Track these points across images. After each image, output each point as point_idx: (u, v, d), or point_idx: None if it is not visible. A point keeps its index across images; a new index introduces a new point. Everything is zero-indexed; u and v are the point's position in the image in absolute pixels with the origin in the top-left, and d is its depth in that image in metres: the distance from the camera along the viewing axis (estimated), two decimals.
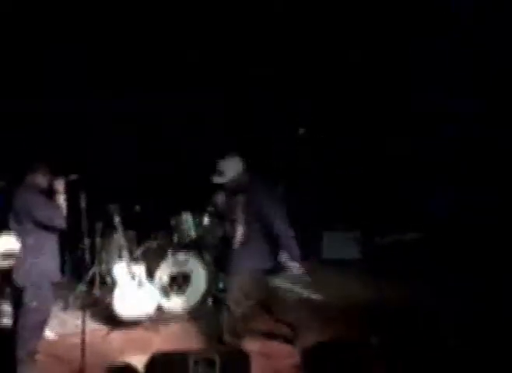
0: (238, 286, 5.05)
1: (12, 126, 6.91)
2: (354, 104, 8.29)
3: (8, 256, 4.45)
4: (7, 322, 5.11)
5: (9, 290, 4.88)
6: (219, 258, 6.37)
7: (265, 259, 5.06)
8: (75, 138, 7.19)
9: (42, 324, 4.78)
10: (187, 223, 6.54)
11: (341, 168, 8.32)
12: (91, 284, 6.43)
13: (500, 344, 4.83)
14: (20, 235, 4.52)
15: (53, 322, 5.33)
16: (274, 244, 5.01)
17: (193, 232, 6.52)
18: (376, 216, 8.04)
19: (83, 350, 4.54)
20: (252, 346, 5.00)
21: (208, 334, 5.39)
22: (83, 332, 4.59)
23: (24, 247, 4.48)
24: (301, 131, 7.13)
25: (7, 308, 5.13)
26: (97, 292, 6.37)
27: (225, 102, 8.08)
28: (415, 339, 5.14)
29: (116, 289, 5.80)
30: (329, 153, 8.33)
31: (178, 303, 6.29)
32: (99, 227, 6.49)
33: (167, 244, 6.51)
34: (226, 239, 5.55)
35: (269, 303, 5.29)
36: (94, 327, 5.66)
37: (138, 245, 6.59)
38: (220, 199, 5.75)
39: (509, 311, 5.42)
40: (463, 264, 6.78)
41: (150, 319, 5.84)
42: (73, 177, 4.91)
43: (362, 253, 8.12)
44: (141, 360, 4.46)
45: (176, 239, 6.51)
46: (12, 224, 4.66)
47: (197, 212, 6.59)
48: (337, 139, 8.30)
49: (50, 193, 4.76)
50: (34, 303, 4.55)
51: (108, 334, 5.69)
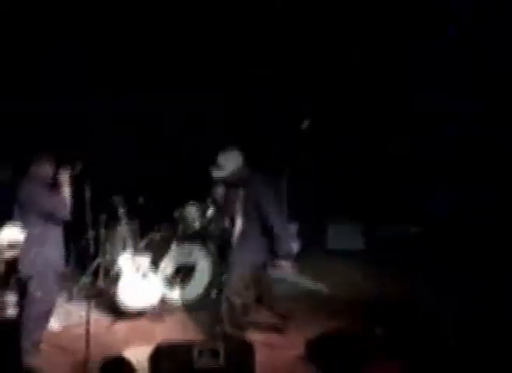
0: (238, 277, 5.10)
1: (12, 126, 6.90)
2: (354, 104, 8.26)
3: (13, 247, 4.46)
4: (12, 313, 5.13)
5: (14, 280, 4.89)
6: (223, 249, 6.39)
7: (264, 251, 5.13)
8: (79, 131, 7.19)
9: (47, 314, 4.82)
10: (190, 214, 6.57)
11: (341, 168, 8.31)
12: (95, 275, 6.45)
13: (500, 344, 4.82)
14: (25, 226, 4.53)
15: (57, 313, 5.35)
16: (272, 237, 5.06)
17: (197, 224, 6.55)
18: (377, 212, 8.08)
19: (88, 341, 4.55)
20: (256, 336, 5.04)
21: (212, 325, 5.41)
22: (88, 322, 4.61)
23: (29, 238, 4.49)
24: (305, 124, 7.09)
25: (12, 298, 5.15)
26: (101, 283, 6.39)
27: (225, 102, 8.06)
28: (414, 335, 5.14)
29: (120, 280, 5.82)
30: (329, 153, 8.32)
31: (182, 294, 6.31)
32: (103, 218, 6.50)
33: (171, 236, 6.54)
34: (228, 231, 5.60)
35: (261, 293, 5.35)
36: (99, 318, 5.68)
37: (141, 236, 6.63)
38: (219, 192, 5.78)
39: (509, 311, 5.41)
40: (463, 264, 6.78)
41: (154, 310, 5.86)
42: (78, 166, 4.92)
43: (365, 244, 8.18)
44: (145, 350, 4.50)
45: (180, 231, 6.53)
46: (17, 215, 4.69)
47: (200, 204, 6.62)
48: (337, 139, 8.30)
49: (54, 185, 4.79)
50: (39, 293, 4.58)
51: (112, 325, 5.71)
